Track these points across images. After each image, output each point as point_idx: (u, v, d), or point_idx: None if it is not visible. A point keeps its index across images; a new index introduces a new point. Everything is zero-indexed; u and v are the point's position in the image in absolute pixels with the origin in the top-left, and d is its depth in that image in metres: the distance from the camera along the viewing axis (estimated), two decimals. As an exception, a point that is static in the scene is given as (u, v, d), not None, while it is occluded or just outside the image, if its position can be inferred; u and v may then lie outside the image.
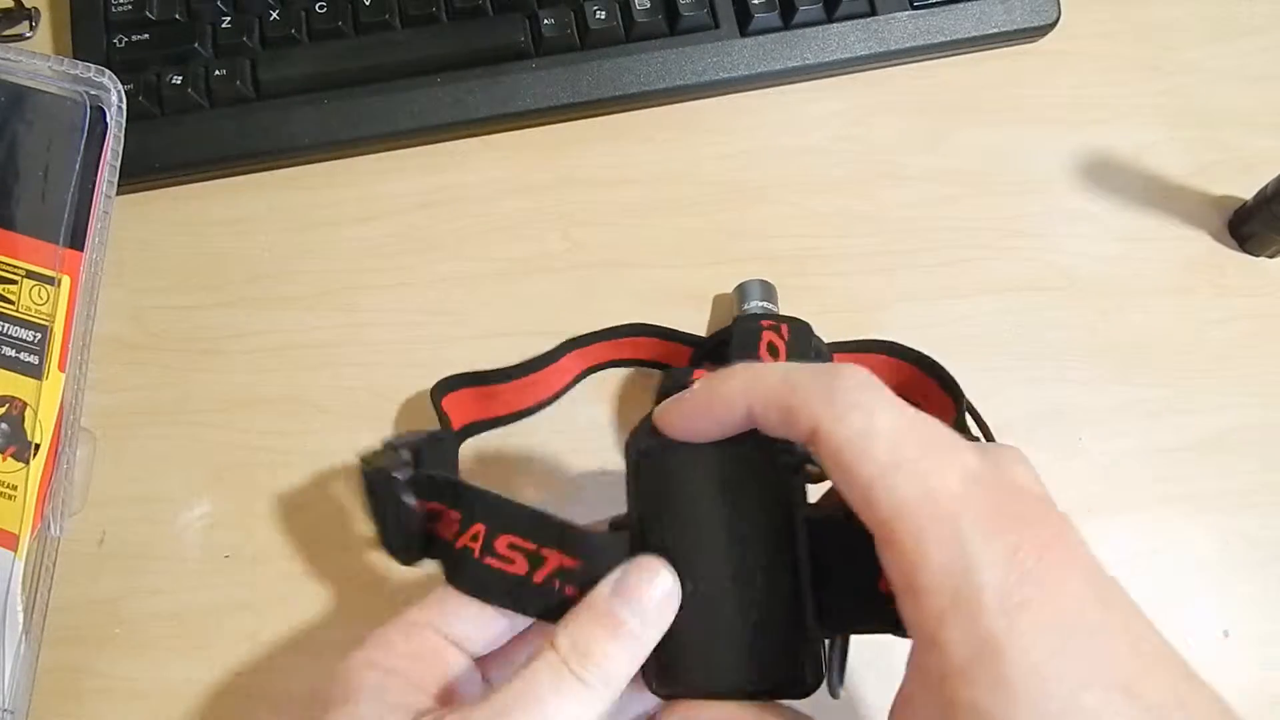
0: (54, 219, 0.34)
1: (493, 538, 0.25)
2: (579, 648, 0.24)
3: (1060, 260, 0.41)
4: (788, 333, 0.34)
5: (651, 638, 0.24)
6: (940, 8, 0.42)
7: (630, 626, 0.24)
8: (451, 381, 0.36)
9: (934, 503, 0.21)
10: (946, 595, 0.20)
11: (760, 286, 0.38)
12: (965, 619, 0.20)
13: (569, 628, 0.24)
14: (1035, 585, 0.20)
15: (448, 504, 0.27)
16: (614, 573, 0.25)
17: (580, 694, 0.23)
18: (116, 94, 0.34)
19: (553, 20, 0.41)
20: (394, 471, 0.28)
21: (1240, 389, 0.39)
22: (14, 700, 0.33)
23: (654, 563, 0.25)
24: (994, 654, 0.19)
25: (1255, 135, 0.43)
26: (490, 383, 0.37)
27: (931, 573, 0.20)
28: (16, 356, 0.34)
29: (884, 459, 0.21)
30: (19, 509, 0.34)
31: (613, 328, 0.38)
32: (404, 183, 0.42)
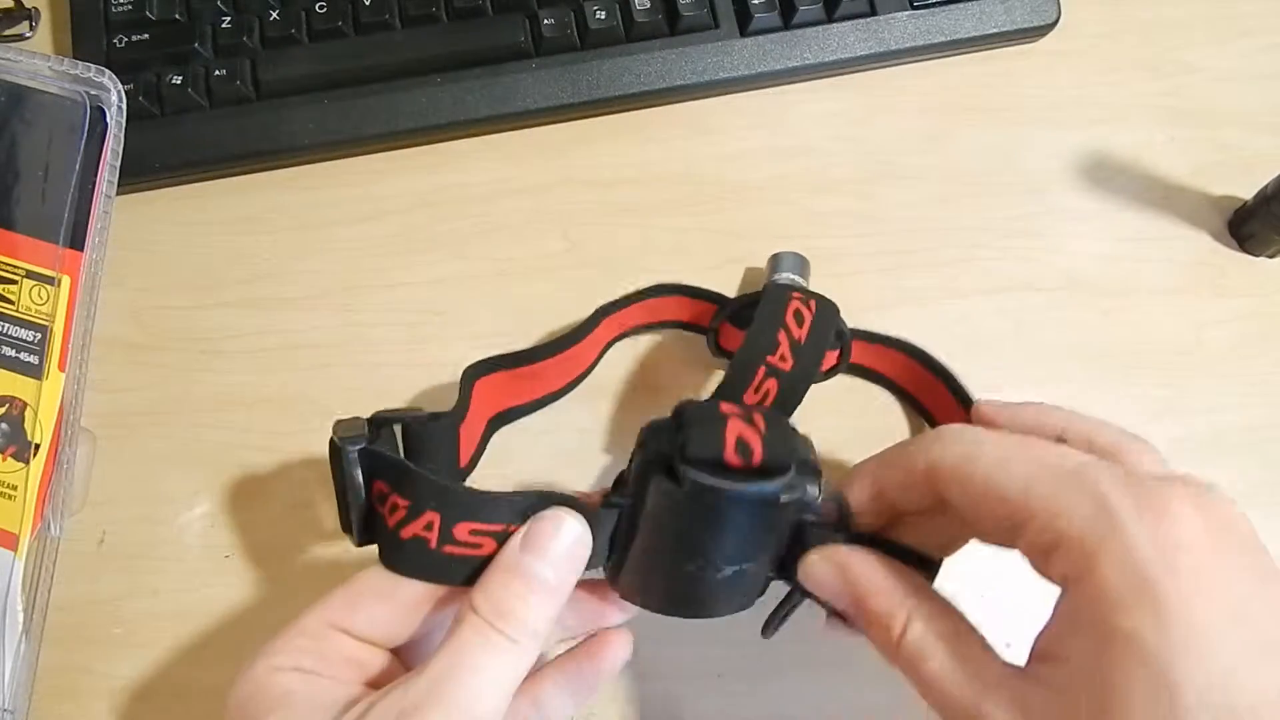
0: (54, 219, 0.34)
1: (449, 526, 0.25)
2: (499, 607, 0.24)
3: (1060, 260, 0.41)
4: (815, 307, 0.34)
5: (568, 587, 0.25)
6: (940, 8, 0.42)
7: (545, 579, 0.25)
8: (484, 365, 0.35)
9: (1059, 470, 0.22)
10: (1095, 539, 0.21)
11: (795, 259, 0.38)
12: (1119, 557, 0.20)
13: (485, 589, 0.24)
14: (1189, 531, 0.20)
15: (393, 488, 0.26)
16: (521, 529, 0.25)
17: (509, 650, 0.24)
18: (116, 94, 0.34)
19: (553, 20, 0.41)
20: (347, 444, 0.27)
21: (1240, 389, 0.39)
22: (14, 700, 0.33)
23: (559, 513, 0.25)
24: (1152, 587, 0.20)
25: (1255, 135, 0.43)
26: (526, 363, 0.36)
27: (1077, 522, 0.21)
28: (16, 356, 0.34)
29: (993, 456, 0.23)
30: (19, 509, 0.34)
31: (641, 290, 0.38)
32: (404, 183, 0.42)
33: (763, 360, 0.32)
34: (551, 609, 0.25)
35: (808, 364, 0.33)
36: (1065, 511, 0.21)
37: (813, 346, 0.33)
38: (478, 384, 0.34)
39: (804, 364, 0.33)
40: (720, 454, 0.25)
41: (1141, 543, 0.20)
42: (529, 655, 0.24)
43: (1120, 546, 0.20)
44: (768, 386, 0.32)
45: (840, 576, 0.25)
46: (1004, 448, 0.24)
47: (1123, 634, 0.20)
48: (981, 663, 0.23)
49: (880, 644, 0.25)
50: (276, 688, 0.24)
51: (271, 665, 0.25)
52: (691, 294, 0.38)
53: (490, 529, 0.25)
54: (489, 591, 0.24)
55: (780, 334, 0.33)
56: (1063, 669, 0.21)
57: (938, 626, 0.24)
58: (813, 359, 0.33)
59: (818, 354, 0.33)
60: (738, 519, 0.25)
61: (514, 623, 0.24)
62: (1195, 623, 0.19)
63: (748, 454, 0.25)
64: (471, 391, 0.34)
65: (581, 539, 0.25)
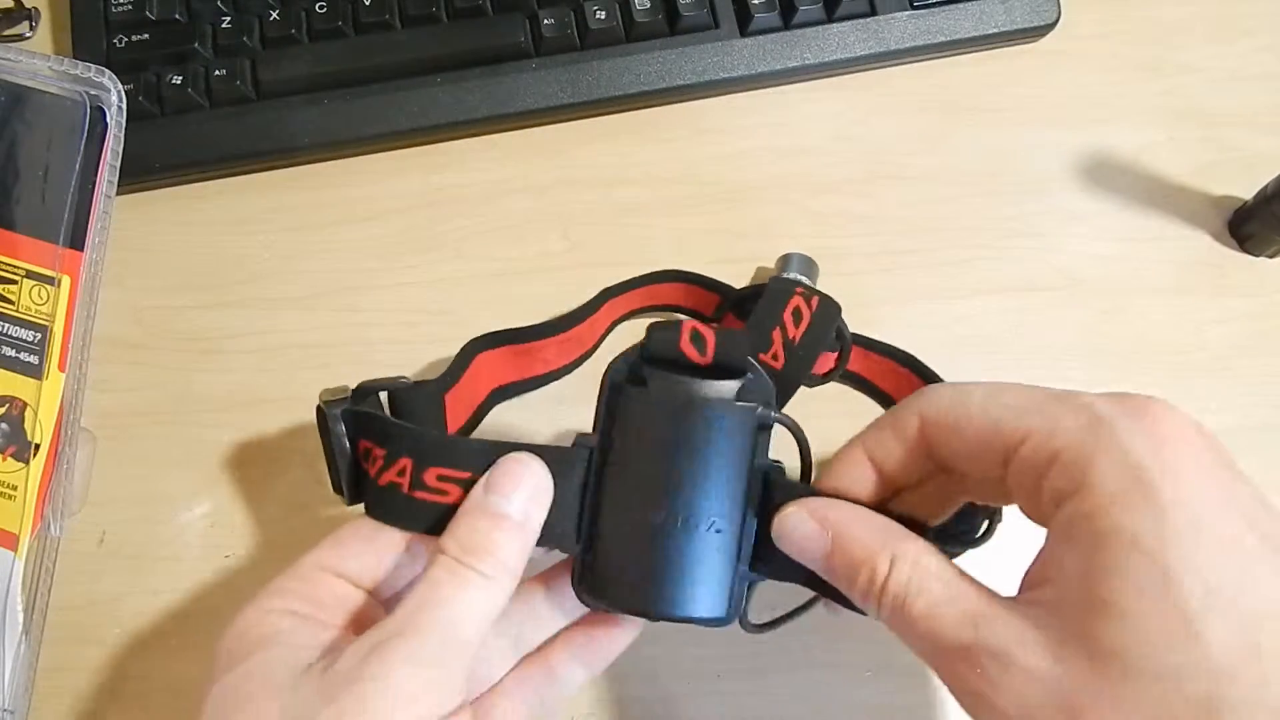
0: (54, 219, 0.34)
1: (420, 472, 0.26)
2: (468, 545, 0.24)
3: (1060, 260, 0.41)
4: (817, 305, 0.34)
5: (535, 524, 0.25)
6: (940, 8, 0.42)
7: (508, 513, 0.25)
8: (487, 339, 0.35)
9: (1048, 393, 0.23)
10: (1091, 443, 0.21)
11: (804, 260, 0.38)
12: (1114, 457, 0.20)
13: (453, 531, 0.25)
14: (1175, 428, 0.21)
15: (374, 440, 0.27)
16: (484, 476, 0.25)
17: (481, 584, 0.24)
18: (116, 94, 0.34)
19: (553, 20, 0.41)
20: (331, 407, 0.28)
21: (1240, 389, 0.39)
22: (14, 700, 0.33)
23: (522, 455, 0.26)
24: (1147, 483, 0.20)
25: (1255, 135, 0.43)
26: (528, 340, 0.36)
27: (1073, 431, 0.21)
28: (16, 356, 0.34)
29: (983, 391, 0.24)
30: (19, 509, 0.34)
31: (646, 275, 0.38)
32: (404, 183, 0.42)
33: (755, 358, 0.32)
34: (519, 544, 0.25)
35: (800, 363, 0.33)
36: (1059, 424, 0.22)
37: (807, 347, 0.33)
38: (480, 356, 0.34)
39: (796, 363, 0.32)
40: (676, 344, 0.26)
41: (1136, 443, 0.20)
42: (501, 590, 0.24)
43: (1115, 446, 0.20)
44: None
45: (818, 526, 0.25)
46: (991, 386, 0.24)
47: (1119, 531, 0.20)
48: (973, 597, 0.22)
49: (863, 592, 0.24)
50: (266, 626, 0.25)
51: (264, 607, 0.25)
52: (696, 281, 0.38)
53: (457, 475, 0.26)
54: (456, 533, 0.25)
55: (775, 331, 0.33)
56: (1057, 585, 0.21)
57: (925, 564, 0.23)
58: (806, 359, 0.33)
59: (812, 354, 0.33)
60: (700, 433, 0.26)
61: (483, 557, 0.24)
62: (1195, 516, 0.19)
63: (701, 344, 0.26)
64: (470, 363, 0.34)
65: (542, 475, 0.26)
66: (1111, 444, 0.21)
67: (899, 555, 0.23)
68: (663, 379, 0.26)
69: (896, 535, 0.24)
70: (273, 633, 0.24)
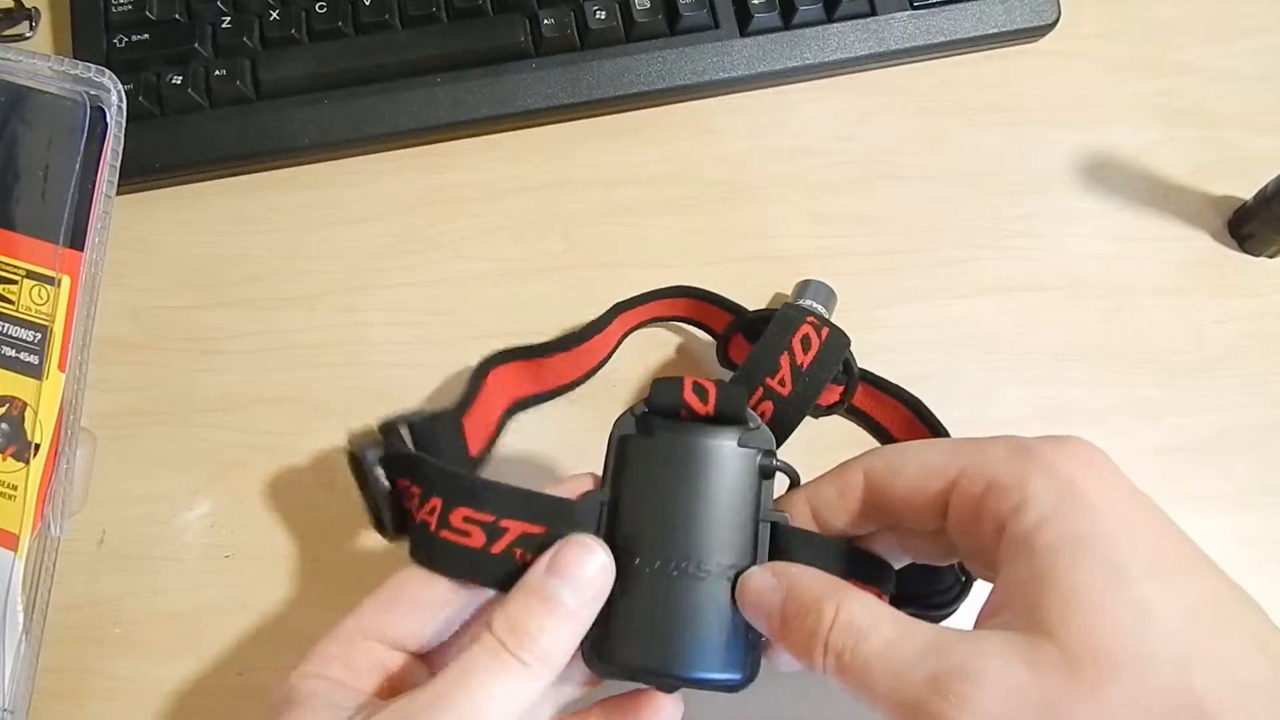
0: (54, 219, 0.34)
1: (448, 511, 0.26)
2: (516, 628, 0.24)
3: (1060, 260, 0.41)
4: (825, 337, 0.33)
5: (588, 614, 0.25)
6: (940, 8, 0.42)
7: (566, 604, 0.24)
8: (501, 356, 0.35)
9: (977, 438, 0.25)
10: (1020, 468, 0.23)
11: (821, 288, 0.38)
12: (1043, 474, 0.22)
13: (505, 609, 0.24)
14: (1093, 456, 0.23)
15: (410, 479, 0.27)
16: (547, 553, 0.25)
17: (519, 673, 0.23)
18: (116, 94, 0.34)
19: (553, 20, 0.41)
20: (365, 450, 0.28)
21: (1240, 389, 0.39)
22: (14, 700, 0.33)
23: (588, 540, 0.25)
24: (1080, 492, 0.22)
25: (1255, 135, 0.43)
26: (542, 355, 0.36)
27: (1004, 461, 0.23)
28: (16, 356, 0.34)
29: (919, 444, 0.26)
30: (19, 509, 0.34)
31: (659, 289, 0.38)
32: (404, 183, 0.42)
33: (761, 380, 0.32)
34: (569, 636, 0.24)
35: (806, 392, 0.32)
36: (989, 455, 0.23)
37: (814, 375, 0.33)
38: (494, 372, 0.35)
39: (802, 391, 0.32)
40: (680, 395, 0.27)
41: (1062, 461, 0.22)
42: (539, 680, 0.24)
43: (1044, 466, 0.22)
44: (763, 408, 0.32)
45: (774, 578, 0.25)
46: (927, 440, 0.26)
47: (1065, 536, 0.21)
48: (928, 630, 0.22)
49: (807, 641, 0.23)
50: (298, 691, 0.25)
51: (303, 671, 0.25)
52: (709, 299, 0.38)
53: (480, 518, 0.26)
54: (508, 611, 0.24)
55: (783, 357, 0.33)
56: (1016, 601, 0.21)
57: (876, 608, 0.23)
58: (812, 388, 0.33)
59: (818, 384, 0.33)
60: (705, 478, 0.26)
61: (528, 644, 0.24)
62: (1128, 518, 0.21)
63: (703, 395, 0.27)
64: (484, 381, 0.34)
65: (606, 569, 0.25)
66: (1041, 464, 0.22)
67: (847, 599, 0.23)
68: (668, 428, 0.27)
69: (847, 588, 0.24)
70: (309, 695, 0.24)
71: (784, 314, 0.34)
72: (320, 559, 0.37)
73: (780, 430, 0.32)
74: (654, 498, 0.26)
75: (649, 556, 0.26)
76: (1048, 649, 0.20)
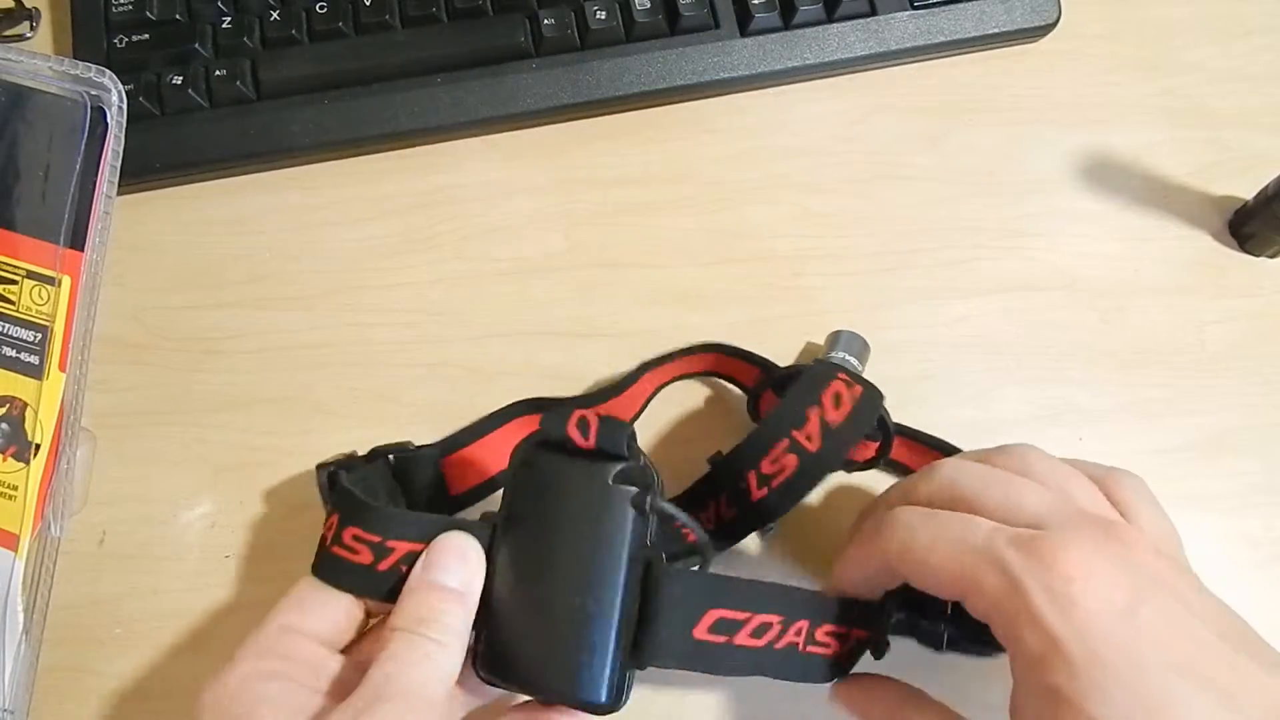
0: (54, 219, 0.34)
1: (341, 529, 0.29)
2: (415, 616, 0.27)
3: (1060, 260, 0.41)
4: (859, 395, 0.33)
5: (474, 589, 0.28)
6: (940, 8, 0.42)
7: (446, 583, 0.27)
8: (530, 404, 0.37)
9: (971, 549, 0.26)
10: (1008, 614, 0.24)
11: (854, 339, 0.38)
12: (1030, 626, 0.24)
13: (400, 610, 0.27)
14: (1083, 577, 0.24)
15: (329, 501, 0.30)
16: (422, 557, 0.28)
17: (437, 651, 0.26)
18: (117, 94, 0.34)
19: (553, 20, 0.41)
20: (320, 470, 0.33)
21: (1240, 389, 0.39)
22: (14, 700, 0.33)
23: (451, 534, 0.28)
24: (1063, 649, 0.23)
25: (1255, 135, 0.43)
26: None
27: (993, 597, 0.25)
28: (17, 356, 0.34)
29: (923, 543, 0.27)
30: (19, 509, 0.34)
31: (687, 347, 0.38)
32: (404, 183, 0.42)
33: (787, 433, 0.32)
34: (463, 610, 0.27)
35: (834, 449, 0.32)
36: (983, 588, 0.25)
37: (845, 432, 0.32)
38: (521, 419, 0.36)
39: (831, 448, 0.32)
40: (563, 429, 0.27)
41: (1048, 610, 0.24)
42: (457, 655, 0.27)
43: (1031, 616, 0.24)
44: (786, 461, 0.32)
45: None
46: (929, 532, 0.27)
47: (1046, 688, 0.24)
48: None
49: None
50: (248, 695, 0.26)
51: (244, 671, 0.27)
52: (737, 355, 0.38)
53: (368, 538, 0.28)
54: (405, 609, 0.27)
55: (812, 410, 0.32)
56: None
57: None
58: (841, 445, 0.32)
59: (848, 441, 0.32)
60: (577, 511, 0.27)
61: (434, 625, 0.26)
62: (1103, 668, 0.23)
63: (585, 429, 0.27)
64: (509, 421, 0.36)
65: (471, 544, 0.28)
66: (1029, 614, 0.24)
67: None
68: (547, 459, 0.28)
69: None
70: (260, 699, 0.26)
71: (816, 370, 0.33)
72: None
73: (803, 484, 0.32)
74: (531, 525, 0.28)
75: (523, 579, 0.27)
76: None
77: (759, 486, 0.32)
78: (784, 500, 0.32)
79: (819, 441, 0.32)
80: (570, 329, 0.40)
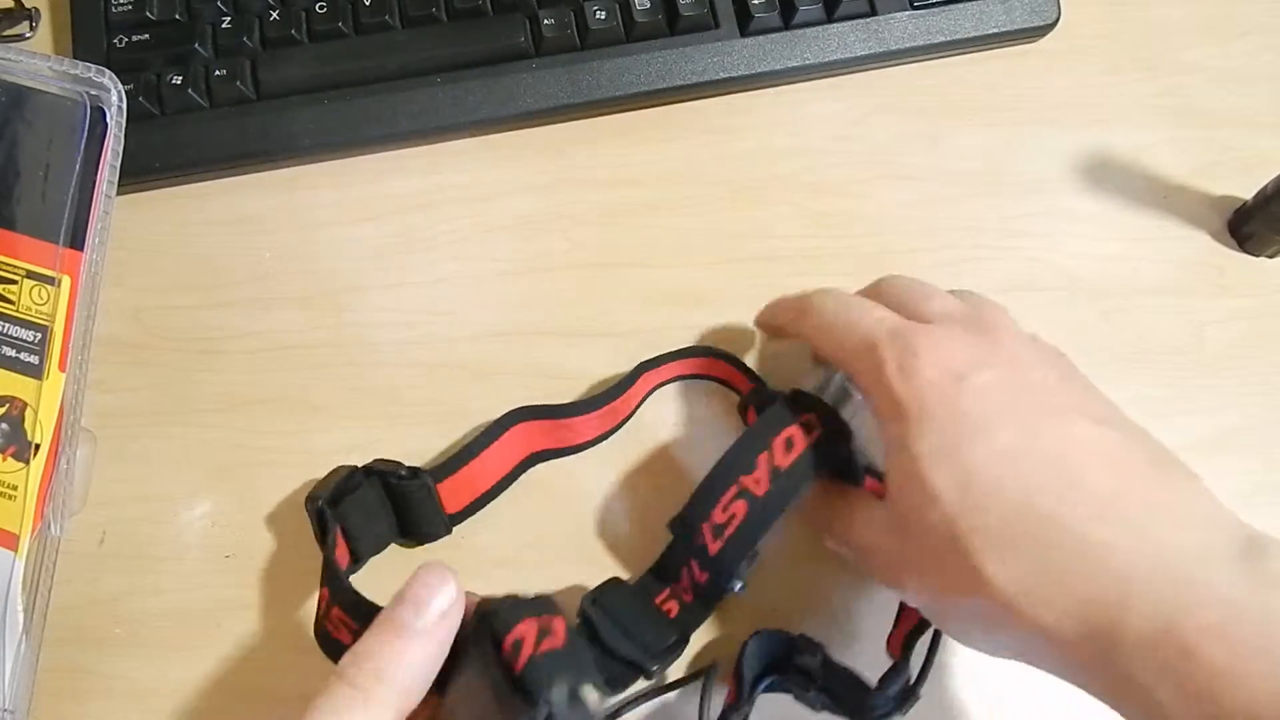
0: (54, 219, 0.34)
1: (330, 606, 0.30)
2: (356, 654, 0.25)
3: (1060, 260, 0.41)
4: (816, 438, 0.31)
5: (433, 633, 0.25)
6: (940, 8, 0.42)
7: (405, 621, 0.25)
8: (524, 413, 0.36)
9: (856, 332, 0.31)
10: (871, 382, 0.30)
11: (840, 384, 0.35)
12: (881, 394, 0.29)
13: (354, 646, 0.25)
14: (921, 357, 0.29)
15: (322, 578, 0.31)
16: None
17: (349, 696, 0.24)
18: (117, 94, 0.34)
19: (553, 20, 0.41)
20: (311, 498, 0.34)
21: (1240, 389, 0.39)
22: (14, 700, 0.33)
23: (439, 566, 0.26)
24: (902, 410, 0.28)
25: (1255, 135, 0.43)
26: (565, 416, 0.37)
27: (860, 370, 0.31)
28: (16, 356, 0.34)
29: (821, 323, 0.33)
30: (19, 509, 0.34)
31: (683, 349, 0.38)
32: (404, 183, 0.42)
33: (735, 480, 0.31)
34: (417, 654, 0.25)
35: (783, 492, 0.31)
36: (858, 363, 0.30)
37: (793, 477, 0.31)
38: (514, 429, 0.36)
39: (778, 491, 0.31)
40: (502, 639, 0.25)
41: (896, 382, 0.29)
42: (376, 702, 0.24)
43: (883, 388, 0.29)
44: (735, 509, 0.31)
45: None
46: (837, 310, 0.32)
47: (894, 439, 0.29)
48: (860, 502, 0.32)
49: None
50: None
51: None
52: (731, 362, 0.38)
53: (348, 622, 0.29)
54: (355, 647, 0.25)
55: (761, 457, 0.31)
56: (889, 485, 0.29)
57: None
58: (789, 489, 0.31)
59: (796, 486, 0.31)
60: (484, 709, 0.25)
61: (365, 668, 0.24)
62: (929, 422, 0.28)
63: (516, 654, 0.25)
64: (507, 430, 0.36)
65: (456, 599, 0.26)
66: (883, 383, 0.29)
67: None
68: (481, 662, 0.25)
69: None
70: None
71: (775, 413, 0.32)
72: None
73: (751, 532, 0.31)
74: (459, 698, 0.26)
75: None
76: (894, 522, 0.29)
77: (714, 539, 0.32)
78: (738, 549, 0.31)
79: (768, 484, 0.31)
80: (570, 329, 0.40)
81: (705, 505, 0.32)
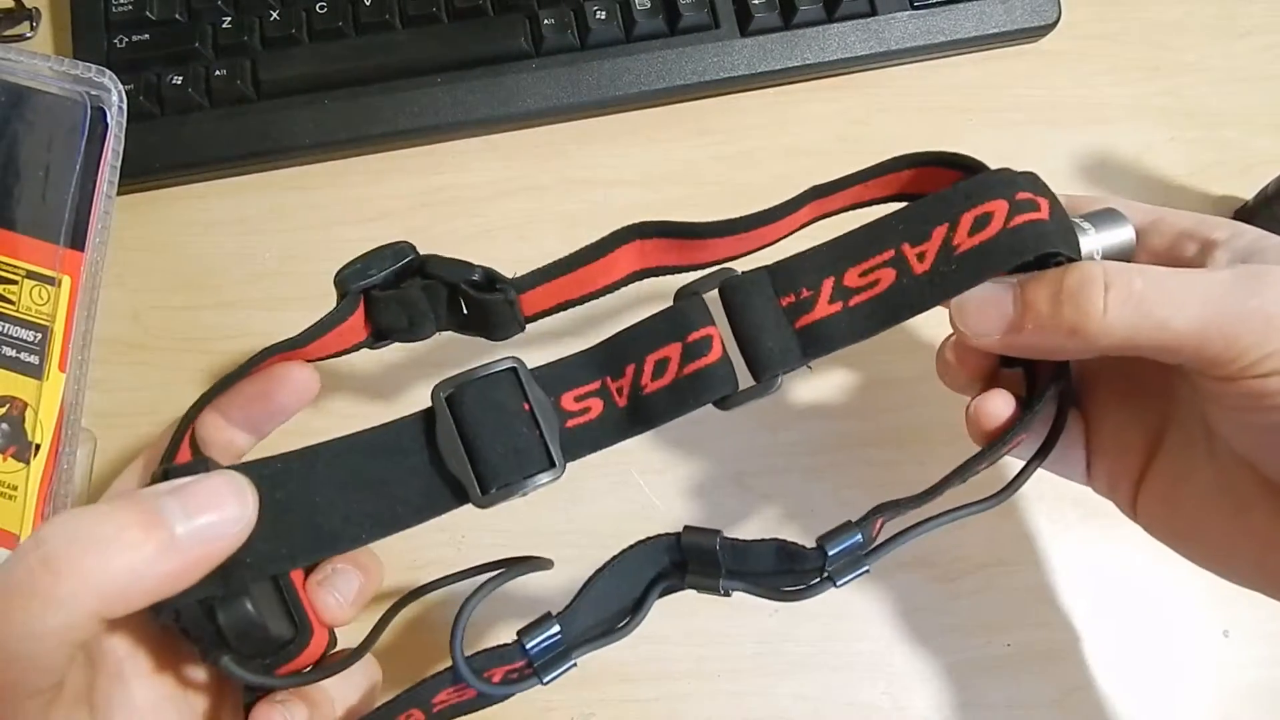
0: (54, 219, 0.34)
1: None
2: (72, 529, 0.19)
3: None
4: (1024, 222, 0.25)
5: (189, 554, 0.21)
6: (940, 8, 0.43)
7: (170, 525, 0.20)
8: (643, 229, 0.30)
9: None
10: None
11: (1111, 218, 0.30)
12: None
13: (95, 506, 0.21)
14: None
15: None
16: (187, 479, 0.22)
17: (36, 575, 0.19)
18: (117, 94, 0.34)
19: (553, 20, 0.41)
20: None
21: (1240, 389, 0.39)
22: (14, 700, 0.33)
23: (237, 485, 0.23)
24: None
25: (1255, 135, 0.43)
26: (700, 236, 0.31)
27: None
28: (17, 357, 0.34)
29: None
30: (19, 509, 0.34)
31: (865, 169, 0.32)
32: (404, 183, 0.42)
33: (896, 243, 0.26)
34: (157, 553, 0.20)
35: (944, 282, 0.25)
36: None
37: (968, 264, 0.25)
38: (631, 244, 0.30)
39: (940, 280, 0.25)
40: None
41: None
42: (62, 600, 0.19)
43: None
44: (879, 275, 0.26)
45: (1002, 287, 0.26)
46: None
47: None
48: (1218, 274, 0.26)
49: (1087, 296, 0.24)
50: None
51: None
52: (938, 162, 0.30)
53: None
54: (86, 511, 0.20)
55: (939, 228, 0.25)
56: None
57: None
58: (956, 282, 0.25)
59: (969, 276, 0.25)
60: None
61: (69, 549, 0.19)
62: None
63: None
64: (614, 250, 0.30)
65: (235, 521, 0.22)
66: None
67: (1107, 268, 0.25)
68: None
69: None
70: None
71: (988, 179, 0.26)
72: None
73: (884, 313, 0.26)
74: None
75: None
76: None
77: (832, 300, 0.26)
78: (856, 324, 0.26)
79: (929, 264, 0.25)
80: (570, 329, 0.40)
81: (849, 255, 0.26)
